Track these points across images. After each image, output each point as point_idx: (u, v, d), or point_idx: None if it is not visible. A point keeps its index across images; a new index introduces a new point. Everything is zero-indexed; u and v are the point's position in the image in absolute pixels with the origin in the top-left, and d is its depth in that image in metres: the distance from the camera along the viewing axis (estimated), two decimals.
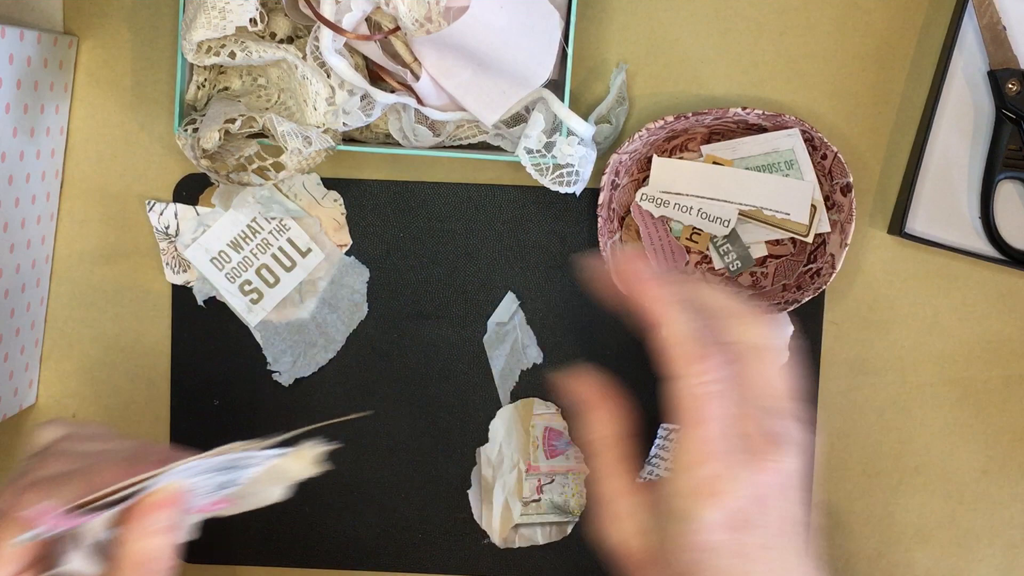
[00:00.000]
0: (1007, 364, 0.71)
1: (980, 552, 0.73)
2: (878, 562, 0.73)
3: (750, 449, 0.49)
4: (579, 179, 0.65)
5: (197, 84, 0.65)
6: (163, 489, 0.49)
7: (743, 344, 0.51)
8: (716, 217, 0.69)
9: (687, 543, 0.48)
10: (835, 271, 0.67)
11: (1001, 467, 0.72)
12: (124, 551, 0.49)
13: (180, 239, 0.70)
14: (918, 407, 0.72)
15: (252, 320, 0.71)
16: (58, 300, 0.72)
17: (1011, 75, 0.67)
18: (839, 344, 0.72)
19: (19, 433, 0.72)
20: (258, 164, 0.62)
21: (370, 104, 0.63)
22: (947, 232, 0.70)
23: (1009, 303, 0.71)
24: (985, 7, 0.67)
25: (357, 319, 0.71)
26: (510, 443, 0.72)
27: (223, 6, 0.59)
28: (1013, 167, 0.68)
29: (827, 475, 0.72)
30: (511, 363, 0.72)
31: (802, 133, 0.67)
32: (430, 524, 0.73)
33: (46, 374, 0.72)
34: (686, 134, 0.70)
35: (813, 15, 0.69)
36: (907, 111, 0.70)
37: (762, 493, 0.48)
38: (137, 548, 0.49)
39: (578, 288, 0.71)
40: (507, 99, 0.63)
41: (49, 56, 0.66)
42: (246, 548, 0.73)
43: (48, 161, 0.68)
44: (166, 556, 0.49)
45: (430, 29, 0.60)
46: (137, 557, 0.49)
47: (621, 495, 0.52)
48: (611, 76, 0.69)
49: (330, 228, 0.71)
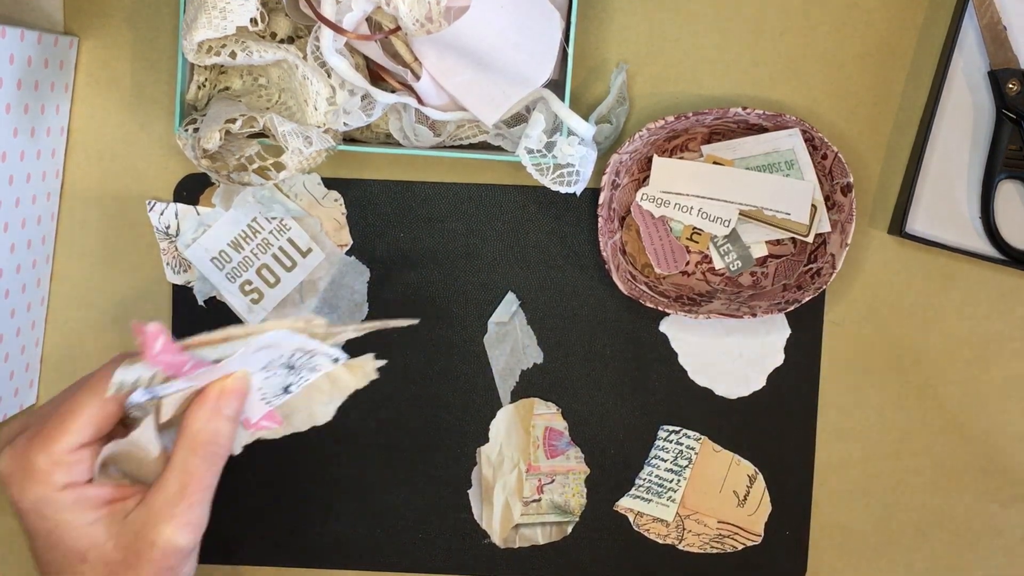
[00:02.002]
0: (1007, 364, 0.72)
1: (980, 552, 0.73)
2: (878, 562, 0.73)
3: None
4: (579, 179, 0.65)
5: (198, 84, 0.65)
6: (235, 376, 0.52)
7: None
8: (716, 217, 0.69)
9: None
10: (835, 271, 0.67)
11: (1001, 467, 0.72)
12: (192, 429, 0.51)
13: (180, 239, 0.70)
14: (918, 407, 0.72)
15: (253, 320, 0.71)
16: (59, 300, 0.72)
17: (1011, 75, 0.67)
18: (839, 344, 0.72)
19: None
20: (259, 164, 0.62)
21: (370, 104, 0.63)
22: (947, 232, 0.70)
23: (1009, 303, 0.71)
24: (985, 7, 0.67)
25: (357, 319, 0.71)
26: (510, 443, 0.72)
27: (224, 6, 0.59)
28: (1013, 167, 0.68)
29: (828, 475, 0.72)
30: (511, 363, 0.72)
31: (802, 133, 0.67)
32: (430, 524, 0.73)
33: (46, 374, 0.72)
34: (686, 134, 0.70)
35: (813, 15, 0.70)
36: (907, 111, 0.70)
37: None
38: (207, 428, 0.51)
39: (578, 288, 0.71)
40: (507, 99, 0.63)
41: (49, 56, 0.66)
42: (246, 547, 0.73)
43: (48, 161, 0.68)
44: (228, 442, 0.52)
45: (431, 29, 0.60)
46: (204, 436, 0.51)
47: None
48: (611, 76, 0.69)
49: (330, 228, 0.71)
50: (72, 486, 0.50)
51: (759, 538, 0.72)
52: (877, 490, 0.72)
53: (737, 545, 0.72)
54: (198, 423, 0.51)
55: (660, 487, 0.72)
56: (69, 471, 0.49)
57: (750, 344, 0.71)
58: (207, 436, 0.51)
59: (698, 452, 0.72)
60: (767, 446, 0.72)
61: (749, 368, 0.71)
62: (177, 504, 0.50)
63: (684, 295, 0.70)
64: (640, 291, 0.69)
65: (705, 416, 0.72)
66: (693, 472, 0.72)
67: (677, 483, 0.72)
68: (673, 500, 0.72)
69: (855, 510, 0.73)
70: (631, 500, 0.72)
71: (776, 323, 0.71)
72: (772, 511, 0.72)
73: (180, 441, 0.51)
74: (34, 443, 0.49)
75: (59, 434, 0.49)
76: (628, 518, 0.72)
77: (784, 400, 0.72)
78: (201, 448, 0.51)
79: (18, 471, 0.49)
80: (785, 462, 0.72)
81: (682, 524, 0.72)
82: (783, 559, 0.72)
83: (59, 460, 0.49)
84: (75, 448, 0.49)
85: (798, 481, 0.72)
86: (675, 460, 0.72)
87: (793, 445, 0.72)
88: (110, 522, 0.50)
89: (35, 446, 0.49)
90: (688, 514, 0.72)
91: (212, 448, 0.51)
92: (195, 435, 0.51)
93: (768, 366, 0.71)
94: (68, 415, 0.49)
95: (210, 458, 0.52)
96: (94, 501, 0.50)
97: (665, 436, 0.72)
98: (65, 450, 0.49)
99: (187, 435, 0.51)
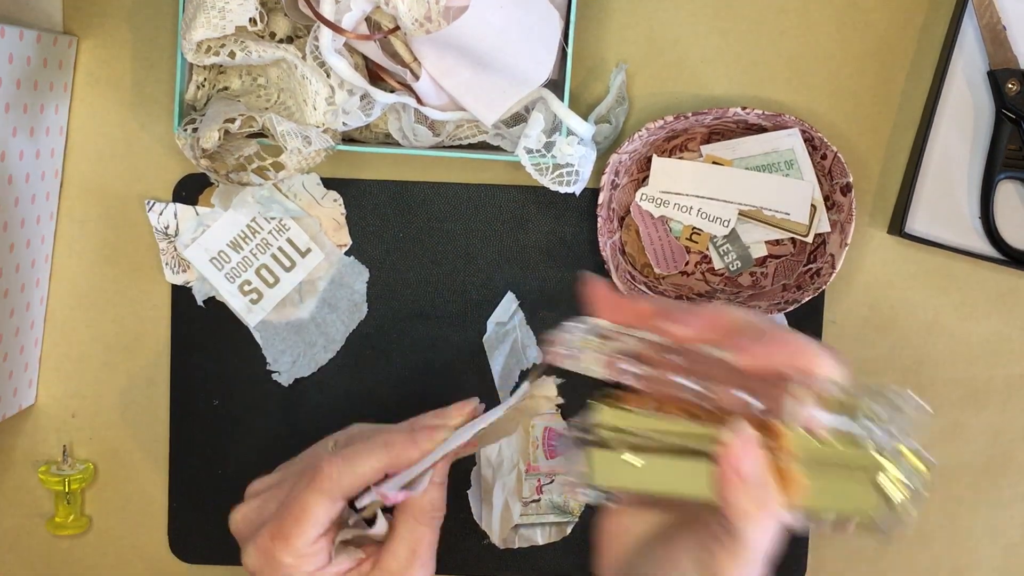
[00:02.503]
0: (1007, 364, 0.71)
1: (980, 552, 0.73)
2: (878, 562, 0.73)
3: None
4: (579, 179, 0.65)
5: (197, 84, 0.65)
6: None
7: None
8: (716, 217, 0.69)
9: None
10: (835, 271, 0.67)
11: (1001, 467, 0.72)
12: (414, 502, 0.56)
13: (180, 239, 0.70)
14: None
15: (252, 320, 0.71)
16: (58, 300, 0.72)
17: (1011, 75, 0.67)
18: (839, 344, 0.71)
19: (19, 433, 0.72)
20: (258, 164, 0.62)
21: (370, 104, 0.63)
22: (947, 232, 0.70)
23: (1009, 303, 0.71)
24: (985, 7, 0.67)
25: (357, 319, 0.71)
26: (510, 443, 0.72)
27: (223, 6, 0.59)
28: (1013, 167, 0.68)
29: None
30: (511, 363, 0.72)
31: (802, 133, 0.67)
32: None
33: (46, 374, 0.72)
34: (686, 134, 0.70)
35: (813, 15, 0.69)
36: (907, 111, 0.70)
37: None
38: (427, 498, 0.56)
39: (578, 288, 0.71)
40: (507, 99, 0.63)
41: (49, 56, 0.66)
42: None
43: (48, 161, 0.68)
44: (443, 505, 0.57)
45: (430, 29, 0.60)
46: (425, 506, 0.56)
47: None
48: (611, 76, 0.69)
49: (330, 228, 0.71)
50: (316, 572, 0.55)
51: None
52: None
53: None
54: (419, 496, 0.57)
55: None
56: (311, 561, 0.55)
57: None
58: (426, 505, 0.56)
59: None
60: None
61: None
62: (411, 566, 0.57)
63: (683, 295, 0.70)
64: (639, 291, 0.69)
65: None
66: None
67: None
68: None
69: None
70: None
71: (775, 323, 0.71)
72: None
73: (405, 512, 0.57)
74: (277, 543, 0.54)
75: (298, 533, 0.54)
76: None
77: None
78: (423, 516, 0.56)
79: (266, 567, 0.55)
80: None
81: None
82: (783, 559, 0.72)
83: (301, 554, 0.54)
84: (313, 541, 0.55)
85: None
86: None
87: None
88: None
89: (278, 545, 0.54)
90: None
91: (432, 514, 0.57)
92: (419, 506, 0.56)
93: None
94: (303, 516, 0.54)
95: (431, 523, 0.57)
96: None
97: None
98: (305, 545, 0.54)
99: (410, 507, 0.57)
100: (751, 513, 0.46)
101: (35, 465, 0.72)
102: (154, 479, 0.73)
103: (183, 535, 0.73)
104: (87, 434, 0.72)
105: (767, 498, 0.46)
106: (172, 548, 0.73)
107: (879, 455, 0.45)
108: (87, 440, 0.73)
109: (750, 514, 0.46)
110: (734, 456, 0.46)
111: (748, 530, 0.46)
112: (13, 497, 0.73)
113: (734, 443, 0.46)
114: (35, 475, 0.72)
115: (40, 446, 0.72)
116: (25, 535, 0.73)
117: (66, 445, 0.72)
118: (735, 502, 0.46)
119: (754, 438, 0.46)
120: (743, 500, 0.46)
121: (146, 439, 0.73)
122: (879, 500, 0.45)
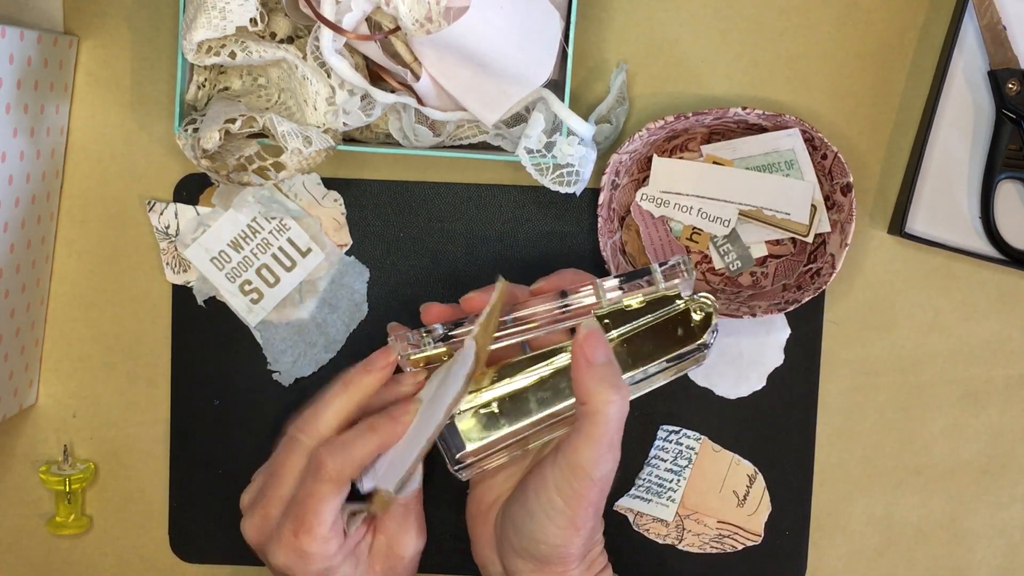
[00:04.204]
0: (1007, 364, 0.72)
1: (980, 552, 0.73)
2: (878, 562, 0.73)
3: None
4: (579, 179, 0.65)
5: (197, 84, 0.65)
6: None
7: None
8: (716, 217, 0.69)
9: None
10: (835, 271, 0.67)
11: (1001, 467, 0.72)
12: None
13: (180, 239, 0.70)
14: (918, 407, 0.72)
15: (252, 320, 0.71)
16: (58, 300, 0.72)
17: (1011, 75, 0.67)
18: (839, 344, 0.72)
19: (19, 433, 0.72)
20: (258, 164, 0.62)
21: (370, 104, 0.63)
22: (947, 232, 0.70)
23: (1009, 303, 0.71)
24: (985, 7, 0.67)
25: (357, 319, 0.71)
26: None
27: (223, 6, 0.59)
28: (1013, 167, 0.68)
29: (827, 475, 0.72)
30: None
31: (802, 133, 0.67)
32: (430, 524, 0.72)
33: (46, 374, 0.72)
34: (686, 134, 0.70)
35: (813, 15, 0.70)
36: (907, 111, 0.70)
37: None
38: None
39: None
40: (507, 99, 0.63)
41: (49, 56, 0.66)
42: (247, 547, 0.73)
43: (48, 161, 0.68)
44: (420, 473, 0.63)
45: (430, 29, 0.60)
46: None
47: None
48: (611, 76, 0.69)
49: (330, 228, 0.71)
50: (340, 549, 0.61)
51: (759, 538, 0.72)
52: (877, 490, 0.72)
53: (737, 545, 0.72)
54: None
55: (660, 487, 0.72)
56: (334, 542, 0.60)
57: (750, 344, 0.71)
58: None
59: (698, 452, 0.72)
60: (767, 446, 0.72)
61: (749, 368, 0.71)
62: (405, 521, 0.64)
63: None
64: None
65: (705, 416, 0.72)
66: (693, 472, 0.72)
67: (677, 483, 0.72)
68: (673, 500, 0.72)
69: (855, 510, 0.73)
70: (631, 500, 0.72)
71: (776, 323, 0.71)
72: (772, 511, 0.72)
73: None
74: (302, 537, 0.59)
75: (319, 522, 0.59)
76: (628, 518, 0.72)
77: (784, 400, 0.72)
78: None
79: (298, 561, 0.60)
80: (785, 462, 0.72)
81: (682, 524, 0.72)
82: (783, 559, 0.72)
83: (325, 538, 0.59)
84: (332, 526, 0.60)
85: (798, 481, 0.72)
86: (675, 460, 0.72)
87: (793, 445, 0.72)
88: (367, 558, 0.63)
89: (304, 539, 0.59)
90: (688, 514, 0.72)
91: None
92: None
93: (768, 366, 0.71)
94: (320, 507, 0.59)
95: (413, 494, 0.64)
96: (353, 548, 0.62)
97: (665, 436, 0.72)
98: (327, 531, 0.59)
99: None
100: (601, 390, 0.56)
101: (35, 465, 0.72)
102: (154, 479, 0.73)
103: (184, 534, 0.73)
104: (87, 434, 0.72)
105: (612, 375, 0.57)
106: (173, 547, 0.73)
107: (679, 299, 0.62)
108: (87, 440, 0.73)
109: (600, 391, 0.56)
110: (584, 344, 0.57)
111: (600, 407, 0.56)
112: (13, 497, 0.73)
113: (582, 334, 0.58)
114: (36, 475, 0.72)
115: (40, 446, 0.72)
116: (25, 535, 0.73)
117: (66, 445, 0.72)
118: (586, 383, 0.57)
119: (599, 329, 0.58)
120: (593, 380, 0.57)
121: (146, 439, 0.73)
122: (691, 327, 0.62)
